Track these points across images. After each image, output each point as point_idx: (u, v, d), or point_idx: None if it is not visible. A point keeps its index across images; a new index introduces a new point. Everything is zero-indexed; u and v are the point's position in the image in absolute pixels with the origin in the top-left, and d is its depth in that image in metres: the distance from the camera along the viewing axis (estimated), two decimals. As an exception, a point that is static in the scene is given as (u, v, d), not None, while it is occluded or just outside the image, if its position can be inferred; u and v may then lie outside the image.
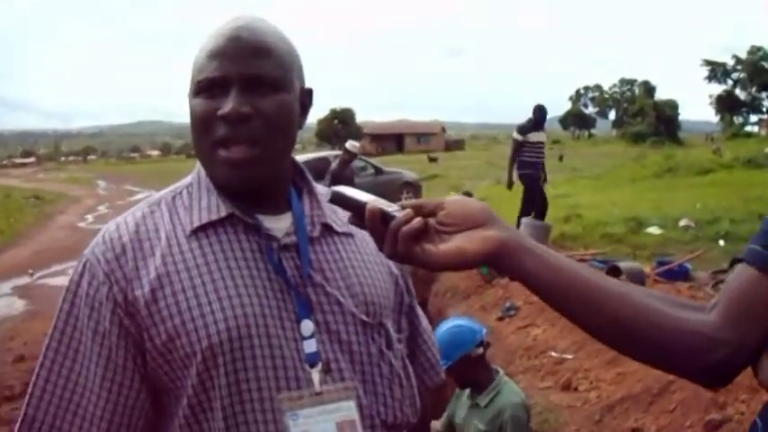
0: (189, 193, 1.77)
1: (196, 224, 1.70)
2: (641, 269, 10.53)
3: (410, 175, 25.12)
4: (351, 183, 13.95)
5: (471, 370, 4.39)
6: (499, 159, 51.85)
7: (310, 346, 1.66)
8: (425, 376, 2.06)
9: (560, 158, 48.57)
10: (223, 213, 1.70)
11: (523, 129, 14.49)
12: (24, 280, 18.26)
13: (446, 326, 4.52)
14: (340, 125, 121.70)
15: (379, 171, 23.64)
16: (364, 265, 1.82)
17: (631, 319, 1.29)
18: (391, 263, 1.89)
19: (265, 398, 1.61)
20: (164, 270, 1.64)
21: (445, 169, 44.05)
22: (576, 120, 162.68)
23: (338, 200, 1.40)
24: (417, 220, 1.27)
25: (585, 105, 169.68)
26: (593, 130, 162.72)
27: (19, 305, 15.47)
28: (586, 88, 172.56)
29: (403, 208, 1.30)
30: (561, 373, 7.93)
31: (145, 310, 1.61)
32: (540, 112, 14.62)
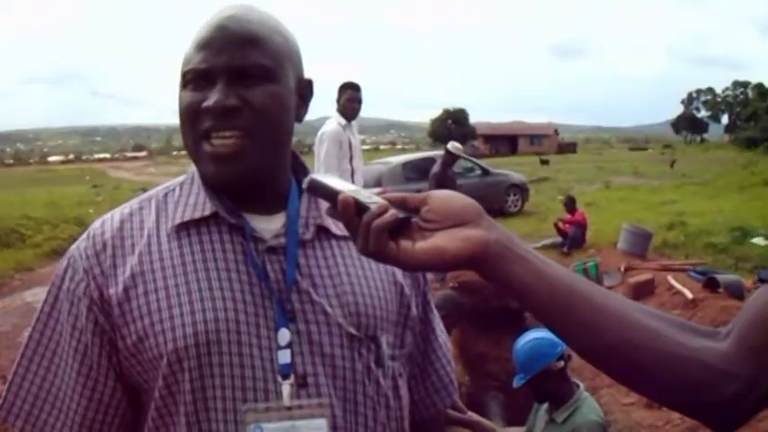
0: (181, 189, 1.70)
1: (178, 221, 1.62)
2: (740, 282, 10.26)
3: (517, 177, 24.72)
4: (453, 184, 13.86)
5: (550, 384, 4.32)
6: (609, 163, 51.40)
7: (284, 357, 1.55)
8: (436, 397, 1.91)
9: (672, 164, 47.58)
10: (207, 212, 1.62)
11: None
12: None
13: (526, 338, 4.46)
14: (453, 125, 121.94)
15: (485, 172, 23.33)
16: (362, 272, 1.68)
17: (630, 344, 1.13)
18: (398, 271, 1.75)
19: (229, 408, 1.52)
20: (139, 269, 1.58)
21: (555, 172, 43.57)
22: (687, 124, 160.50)
23: (313, 188, 1.26)
24: (391, 213, 1.14)
25: (698, 109, 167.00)
26: (705, 135, 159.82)
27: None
28: (698, 91, 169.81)
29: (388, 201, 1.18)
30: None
31: (117, 308, 1.56)
32: None
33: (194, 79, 1.58)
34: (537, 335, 4.46)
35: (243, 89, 1.55)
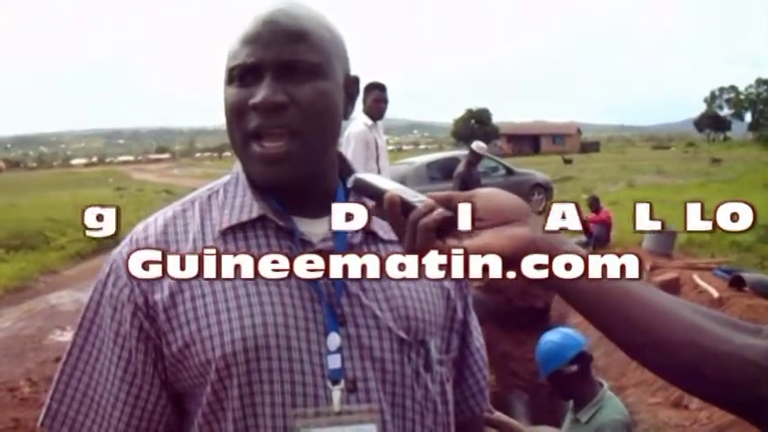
0: (225, 191, 1.67)
1: (225, 225, 1.59)
2: (766, 280, 10.20)
3: (542, 176, 24.77)
4: (478, 184, 13.80)
5: (568, 384, 4.37)
6: (632, 162, 51.26)
7: (334, 362, 1.52)
8: (472, 401, 1.89)
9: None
10: (254, 215, 1.58)
11: None
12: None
13: (546, 338, 4.52)
14: (476, 125, 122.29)
15: (510, 172, 23.37)
16: None
17: (676, 341, 1.11)
18: None
19: (278, 414, 1.49)
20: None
21: (579, 171, 43.55)
22: (710, 122, 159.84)
23: (359, 187, 1.26)
24: (438, 212, 1.14)
25: (720, 107, 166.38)
26: (728, 133, 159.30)
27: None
28: (721, 89, 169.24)
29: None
30: (672, 389, 7.52)
31: (163, 314, 1.54)
32: None
33: (241, 75, 1.54)
34: (555, 337, 4.50)
35: (290, 85, 1.51)
